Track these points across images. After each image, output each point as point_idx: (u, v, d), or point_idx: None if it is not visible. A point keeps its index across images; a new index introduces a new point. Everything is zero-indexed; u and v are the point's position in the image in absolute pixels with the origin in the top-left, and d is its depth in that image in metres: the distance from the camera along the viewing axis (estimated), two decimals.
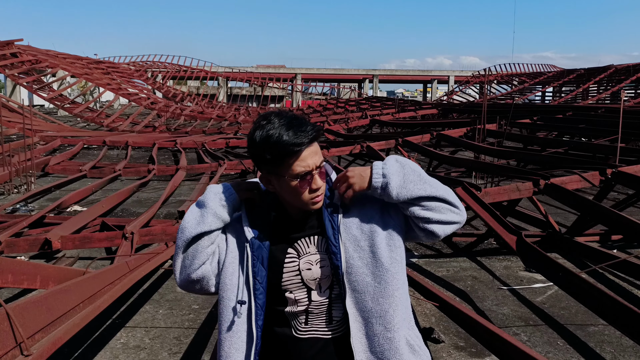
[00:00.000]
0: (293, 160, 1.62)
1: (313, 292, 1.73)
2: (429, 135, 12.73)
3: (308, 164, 1.63)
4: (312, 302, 1.73)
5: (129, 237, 6.00)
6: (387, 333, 1.65)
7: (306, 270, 1.72)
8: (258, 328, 1.67)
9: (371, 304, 1.66)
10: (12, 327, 2.26)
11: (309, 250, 1.74)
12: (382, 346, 1.65)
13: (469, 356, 4.31)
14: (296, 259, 1.73)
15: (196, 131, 24.23)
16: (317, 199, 1.69)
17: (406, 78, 76.21)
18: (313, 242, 1.74)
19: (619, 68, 43.50)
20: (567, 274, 4.40)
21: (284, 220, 1.76)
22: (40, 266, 3.59)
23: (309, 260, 1.73)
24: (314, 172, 1.65)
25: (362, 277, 1.67)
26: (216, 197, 1.70)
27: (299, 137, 1.60)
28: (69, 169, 12.83)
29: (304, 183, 1.65)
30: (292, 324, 1.74)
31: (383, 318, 1.65)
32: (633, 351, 4.41)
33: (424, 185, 1.66)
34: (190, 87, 58.28)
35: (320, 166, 1.67)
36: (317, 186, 1.66)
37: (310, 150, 1.64)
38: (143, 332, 4.62)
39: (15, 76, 28.82)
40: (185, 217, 1.71)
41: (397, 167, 1.68)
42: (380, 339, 1.65)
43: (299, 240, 1.74)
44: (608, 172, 6.55)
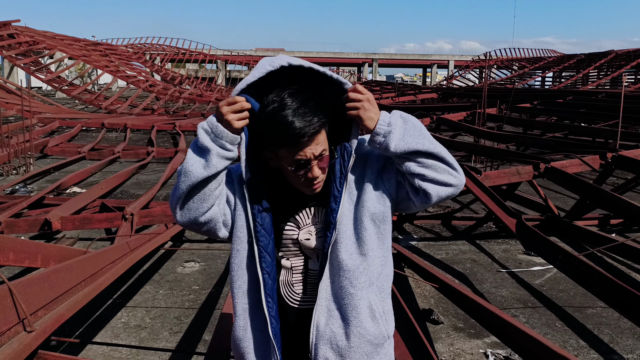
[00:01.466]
0: (291, 148, 1.59)
1: (310, 261, 1.75)
2: (428, 119, 12.70)
3: (306, 154, 1.59)
4: (309, 271, 1.74)
5: (128, 218, 6.01)
6: (350, 288, 1.66)
7: (305, 241, 1.73)
8: (264, 272, 1.66)
9: (344, 256, 1.66)
10: (14, 303, 2.26)
11: (309, 222, 1.74)
12: (343, 300, 1.66)
13: (468, 337, 4.34)
14: (296, 230, 1.74)
15: (195, 114, 24.12)
16: (315, 187, 1.66)
17: (406, 62, 75.87)
18: (315, 214, 1.74)
19: (620, 53, 43.35)
20: (566, 256, 4.42)
21: (286, 190, 1.73)
22: (41, 245, 3.59)
23: (309, 231, 1.73)
24: (312, 163, 1.62)
25: (345, 228, 1.68)
26: (211, 137, 1.60)
27: (302, 128, 1.55)
28: (68, 150, 12.81)
29: (300, 171, 1.62)
30: (285, 292, 1.75)
31: (351, 273, 1.66)
32: (630, 333, 4.44)
33: (422, 139, 1.63)
34: (189, 70, 57.97)
35: (321, 156, 1.62)
36: (312, 176, 1.63)
37: (311, 141, 1.59)
38: (144, 312, 4.64)
39: (13, 57, 28.61)
40: (188, 160, 1.62)
41: (401, 120, 1.67)
42: (343, 293, 1.66)
43: (301, 212, 1.74)
44: (608, 156, 6.55)
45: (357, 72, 70.58)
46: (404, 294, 5.03)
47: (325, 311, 1.67)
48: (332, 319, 1.67)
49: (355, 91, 1.63)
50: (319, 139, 1.61)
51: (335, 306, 1.67)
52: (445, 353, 4.06)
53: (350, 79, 60.65)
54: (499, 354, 4.03)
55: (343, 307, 1.66)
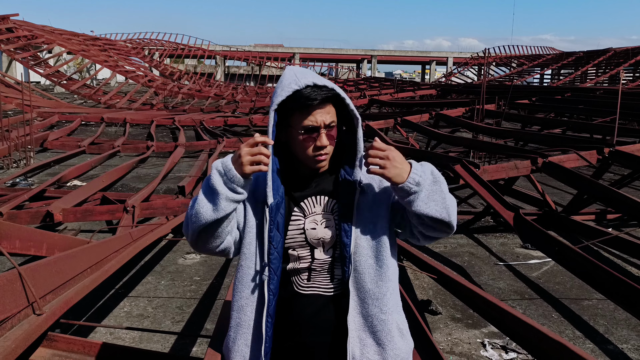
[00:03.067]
0: (303, 113, 1.65)
1: (316, 250, 1.77)
2: (427, 115, 12.75)
3: (317, 119, 1.65)
4: (314, 260, 1.77)
5: (130, 210, 6.05)
6: (381, 315, 1.72)
7: (310, 230, 1.76)
8: (270, 292, 1.71)
9: (370, 286, 1.72)
10: (24, 287, 2.31)
11: (314, 210, 1.77)
12: (376, 327, 1.72)
13: (466, 327, 4.41)
14: (302, 218, 1.77)
15: (194, 109, 24.14)
16: (321, 157, 1.69)
17: (405, 59, 75.88)
18: (320, 202, 1.77)
19: (618, 51, 43.44)
20: (562, 248, 4.48)
21: (293, 177, 1.77)
22: (46, 234, 3.64)
23: (314, 219, 1.76)
24: (321, 130, 1.66)
25: (366, 258, 1.73)
26: (223, 179, 1.62)
27: (315, 93, 1.63)
28: (68, 144, 12.84)
29: (309, 138, 1.67)
30: (294, 280, 1.78)
31: (380, 300, 1.72)
32: (625, 324, 4.51)
33: (442, 208, 1.65)
34: (188, 65, 57.92)
35: (330, 126, 1.68)
36: (321, 144, 1.67)
37: (323, 109, 1.66)
38: (146, 302, 4.70)
39: (12, 51, 28.57)
40: (199, 200, 1.64)
41: (430, 181, 1.65)
42: (375, 320, 1.72)
43: (306, 200, 1.77)
44: (605, 151, 6.62)
45: (356, 68, 70.55)
46: (403, 285, 5.08)
47: (358, 341, 1.72)
48: (366, 347, 1.72)
49: (376, 149, 1.62)
50: (329, 109, 1.67)
51: (368, 334, 1.72)
52: (444, 342, 4.13)
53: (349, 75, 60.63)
54: (496, 343, 4.10)
55: (377, 334, 1.72)
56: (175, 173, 10.56)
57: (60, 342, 2.26)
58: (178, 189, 7.76)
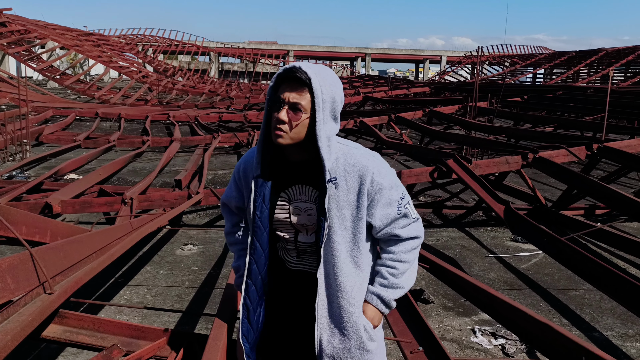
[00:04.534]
0: (276, 88, 1.81)
1: (300, 234, 1.93)
2: (421, 111, 12.89)
3: (284, 96, 1.77)
4: (298, 242, 1.93)
5: (128, 202, 6.14)
6: (349, 307, 1.85)
7: (294, 215, 1.91)
8: (251, 258, 1.93)
9: (340, 279, 1.85)
10: (35, 268, 2.42)
11: (299, 198, 1.90)
12: (342, 318, 1.85)
13: (457, 315, 4.55)
14: (287, 203, 1.91)
15: (188, 105, 24.19)
16: (277, 131, 1.78)
17: (399, 57, 76.05)
18: (304, 191, 1.90)
19: (610, 51, 43.78)
20: (551, 239, 4.63)
21: (282, 165, 1.91)
22: (50, 221, 3.74)
23: (298, 206, 1.90)
24: (283, 106, 1.77)
25: (339, 252, 1.85)
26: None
27: (289, 72, 1.77)
28: (63, 138, 12.87)
29: (272, 110, 1.81)
30: (284, 257, 1.97)
31: (349, 293, 1.85)
32: (611, 313, 4.67)
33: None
34: (181, 62, 57.79)
35: (295, 107, 1.77)
36: (278, 118, 1.78)
37: (293, 89, 1.77)
38: (145, 290, 4.81)
39: (5, 46, 28.46)
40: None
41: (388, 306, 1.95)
42: (342, 311, 1.85)
43: (292, 187, 1.91)
44: (594, 147, 6.78)
45: (350, 66, 70.66)
46: None
47: (327, 328, 1.87)
48: (334, 336, 1.87)
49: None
50: (302, 96, 1.77)
51: (335, 324, 1.87)
52: (435, 329, 4.26)
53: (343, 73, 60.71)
54: (485, 330, 4.24)
55: (343, 325, 1.86)
56: (171, 167, 10.64)
57: (71, 319, 2.38)
58: (175, 182, 7.85)
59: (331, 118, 1.82)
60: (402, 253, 1.92)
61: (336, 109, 1.83)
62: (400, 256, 1.91)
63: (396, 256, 1.91)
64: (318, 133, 1.77)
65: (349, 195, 1.83)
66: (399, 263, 1.91)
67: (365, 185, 1.82)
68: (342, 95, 1.88)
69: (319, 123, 1.77)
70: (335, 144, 1.86)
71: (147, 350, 2.24)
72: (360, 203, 1.83)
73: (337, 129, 1.86)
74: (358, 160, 1.83)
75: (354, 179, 1.82)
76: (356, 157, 1.84)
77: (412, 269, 1.95)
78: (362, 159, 1.83)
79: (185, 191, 6.66)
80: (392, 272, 1.90)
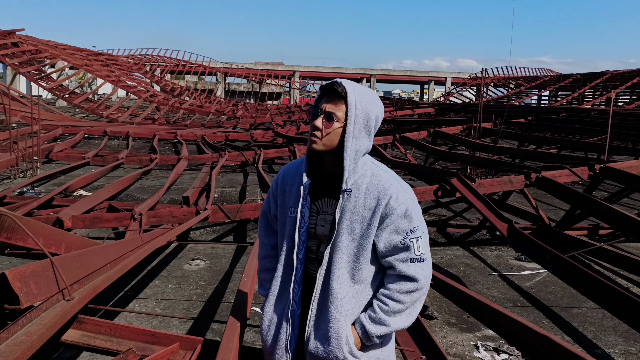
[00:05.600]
0: (320, 99, 1.97)
1: (322, 245, 2.03)
2: (425, 132, 13.03)
3: (322, 105, 1.94)
4: (319, 252, 2.03)
5: (137, 217, 6.27)
6: (336, 313, 1.93)
7: (319, 226, 2.02)
8: (298, 261, 1.99)
9: (334, 284, 1.94)
10: (55, 275, 2.53)
11: (326, 210, 2.02)
12: (329, 322, 1.93)
13: (460, 331, 4.62)
14: (315, 215, 2.03)
15: (195, 124, 24.44)
16: (312, 137, 1.94)
17: (403, 78, 76.50)
18: (330, 204, 2.01)
19: (615, 74, 43.98)
20: (553, 257, 4.70)
21: (319, 177, 2.03)
22: (65, 234, 3.85)
23: (323, 218, 2.02)
24: (320, 113, 1.94)
25: (339, 260, 1.95)
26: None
27: (329, 86, 1.93)
28: (73, 156, 13.06)
29: (313, 118, 1.96)
30: (307, 265, 2.06)
31: (339, 300, 1.93)
32: (613, 330, 4.72)
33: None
34: (188, 81, 58.44)
35: (330, 116, 1.91)
36: (314, 125, 1.93)
37: (331, 101, 1.93)
38: (154, 303, 4.90)
39: (16, 65, 28.93)
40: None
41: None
42: (330, 316, 1.94)
43: (322, 199, 2.02)
44: (596, 168, 6.87)
45: None
46: None
47: (315, 328, 1.97)
48: (318, 336, 1.96)
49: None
50: (338, 107, 1.92)
51: (322, 326, 1.95)
52: (439, 344, 4.32)
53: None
54: (488, 346, 4.30)
55: (328, 329, 1.93)
56: (179, 185, 10.79)
57: (89, 324, 2.48)
58: (182, 199, 7.98)
59: (364, 133, 1.93)
60: (397, 292, 1.91)
61: (370, 125, 1.94)
62: (394, 294, 1.91)
63: (390, 293, 1.92)
64: (346, 144, 1.89)
65: (363, 212, 1.92)
66: (391, 301, 1.91)
67: (381, 206, 1.89)
68: (379, 113, 1.98)
69: (349, 135, 1.89)
70: (368, 162, 1.98)
71: (161, 354, 2.33)
72: (372, 222, 1.90)
73: (369, 145, 1.96)
74: (381, 182, 1.92)
75: (373, 198, 1.91)
76: (381, 178, 1.93)
77: (407, 312, 1.93)
78: (386, 182, 1.92)
79: (193, 207, 6.79)
80: (382, 308, 1.91)
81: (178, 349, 2.41)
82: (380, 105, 1.98)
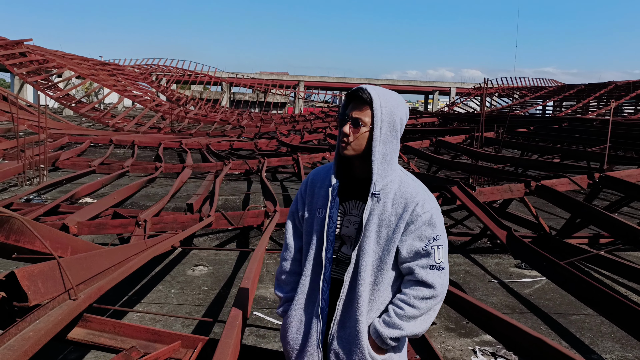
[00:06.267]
0: (347, 105, 2.05)
1: (344, 245, 2.11)
2: (428, 141, 13.12)
3: (350, 113, 2.02)
4: (340, 253, 2.11)
5: (142, 224, 6.37)
6: (359, 316, 2.00)
7: (344, 227, 2.09)
8: (327, 260, 2.05)
9: (359, 287, 2.01)
10: (62, 276, 2.63)
11: (351, 212, 2.10)
12: (352, 323, 2.01)
13: (458, 336, 4.68)
14: (341, 215, 2.11)
15: (200, 134, 24.62)
16: (342, 144, 2.04)
17: (408, 88, 76.71)
18: (357, 206, 2.09)
19: (619, 84, 44.01)
20: (550, 263, 4.77)
21: (347, 180, 2.11)
22: (71, 238, 3.95)
23: (349, 219, 2.09)
24: (347, 122, 2.01)
25: (365, 263, 2.01)
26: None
27: (357, 92, 2.01)
28: (78, 164, 13.22)
29: (341, 125, 2.04)
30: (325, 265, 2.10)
31: (362, 303, 2.00)
32: (610, 337, 4.77)
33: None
34: (194, 91, 58.81)
35: (356, 122, 2.00)
36: (343, 132, 2.02)
37: (357, 107, 2.01)
38: (157, 307, 4.98)
39: (24, 75, 29.25)
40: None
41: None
42: (353, 317, 2.01)
43: (349, 201, 2.10)
44: (596, 176, 6.93)
45: None
46: None
47: (340, 327, 2.04)
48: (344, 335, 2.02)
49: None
50: (364, 113, 2.00)
51: (347, 325, 2.02)
52: (437, 349, 4.38)
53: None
54: (486, 350, 4.36)
55: (352, 330, 2.00)
56: (183, 192, 10.89)
57: (93, 323, 2.57)
58: (187, 207, 8.09)
59: (391, 136, 2.02)
60: (414, 298, 1.95)
61: (396, 128, 2.03)
62: (410, 300, 1.95)
63: (407, 298, 1.96)
64: (374, 149, 1.98)
65: (391, 218, 1.99)
66: (407, 306, 1.95)
67: (407, 212, 1.97)
68: (404, 115, 2.07)
69: (376, 139, 1.98)
70: (396, 168, 2.06)
71: (163, 352, 2.42)
72: (398, 227, 1.97)
73: (396, 149, 2.05)
74: (409, 189, 2.00)
75: (400, 204, 1.98)
76: (409, 186, 2.01)
77: (421, 319, 1.98)
78: (413, 190, 2.00)
79: (197, 214, 6.89)
80: (397, 312, 1.96)
81: (179, 347, 2.50)
82: (405, 108, 2.07)
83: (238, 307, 2.71)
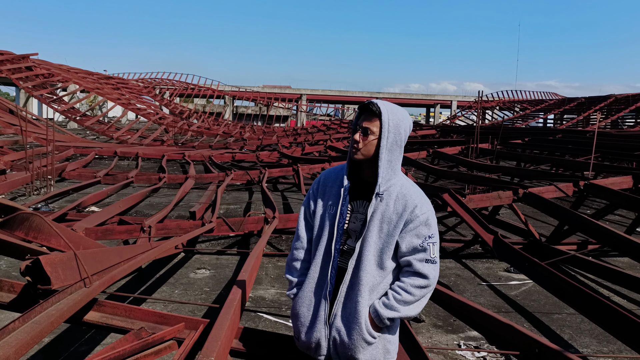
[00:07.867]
0: (358, 116, 2.37)
1: (350, 239, 2.42)
2: (425, 152, 13.44)
3: (360, 122, 2.34)
4: (346, 245, 2.42)
5: (146, 229, 6.69)
6: (360, 298, 2.32)
7: (352, 223, 2.41)
8: (336, 250, 2.36)
9: (361, 274, 2.33)
10: (78, 266, 2.94)
11: (359, 209, 2.42)
12: (353, 304, 2.32)
13: (445, 332, 4.96)
14: (349, 213, 2.43)
15: (203, 146, 25.01)
16: (352, 150, 2.35)
17: (410, 101, 77.27)
18: (363, 205, 2.40)
19: (619, 97, 44.38)
20: (532, 264, 5.06)
21: (357, 182, 2.42)
22: (83, 238, 4.28)
23: (356, 216, 2.41)
24: (358, 130, 2.33)
25: (368, 252, 2.33)
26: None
27: (365, 105, 2.34)
28: (84, 175, 13.57)
29: (352, 133, 2.36)
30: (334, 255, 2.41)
31: (363, 287, 2.32)
32: (589, 333, 5.05)
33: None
34: (197, 104, 59.41)
35: (365, 133, 2.31)
36: (353, 139, 2.35)
37: (367, 118, 2.32)
38: (162, 306, 5.28)
39: (30, 88, 29.76)
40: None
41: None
42: (354, 299, 2.32)
43: (358, 200, 2.42)
44: (581, 184, 7.23)
45: None
46: None
47: (342, 307, 2.34)
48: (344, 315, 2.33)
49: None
50: (373, 123, 2.32)
51: (348, 307, 2.34)
52: (424, 343, 4.67)
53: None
54: (470, 344, 4.64)
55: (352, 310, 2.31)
56: (186, 202, 11.23)
57: (107, 307, 2.88)
58: (190, 214, 8.39)
59: (396, 145, 2.32)
60: (410, 286, 2.26)
61: (401, 138, 2.33)
62: (407, 287, 2.26)
63: (404, 285, 2.27)
64: (380, 155, 2.31)
65: (392, 215, 2.30)
66: (404, 292, 2.25)
67: (407, 212, 2.28)
68: (408, 128, 2.40)
69: (382, 148, 2.30)
70: (399, 173, 2.38)
71: (169, 332, 2.72)
72: (398, 224, 2.28)
73: (400, 156, 2.38)
74: (409, 193, 2.31)
75: (401, 205, 2.29)
76: (409, 190, 2.32)
77: (415, 304, 2.28)
78: (413, 193, 2.31)
79: (199, 221, 7.20)
80: (396, 297, 2.26)
81: (183, 328, 2.80)
82: (409, 121, 2.40)
83: (236, 291, 3.01)
